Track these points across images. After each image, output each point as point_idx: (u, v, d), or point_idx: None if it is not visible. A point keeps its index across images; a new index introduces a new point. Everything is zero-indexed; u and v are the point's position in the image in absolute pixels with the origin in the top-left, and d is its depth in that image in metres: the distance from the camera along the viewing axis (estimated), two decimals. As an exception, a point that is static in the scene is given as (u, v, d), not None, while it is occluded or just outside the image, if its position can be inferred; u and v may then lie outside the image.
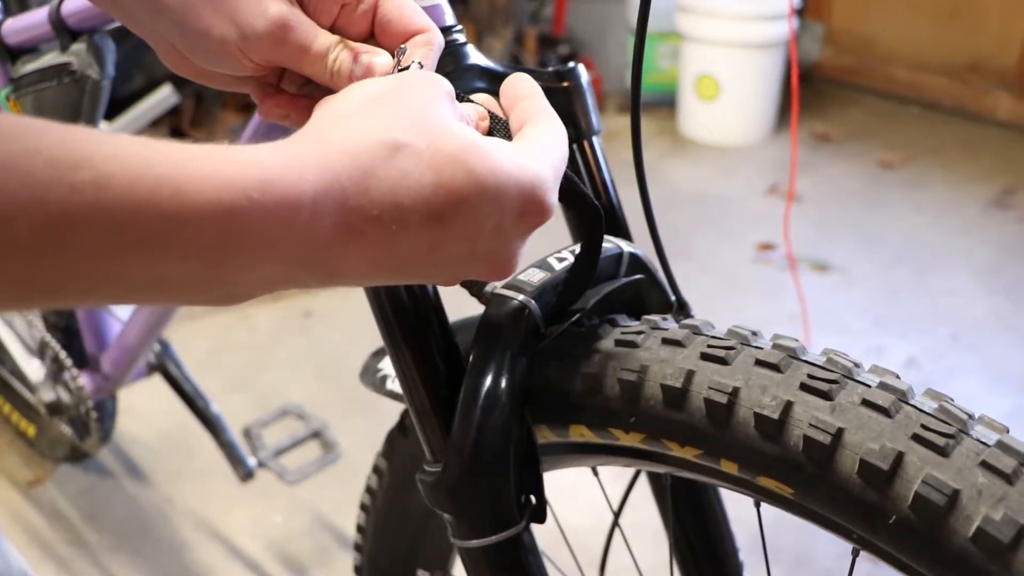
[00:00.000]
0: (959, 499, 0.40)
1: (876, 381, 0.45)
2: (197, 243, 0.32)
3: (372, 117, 0.39)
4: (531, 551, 0.55)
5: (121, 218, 0.30)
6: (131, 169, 0.30)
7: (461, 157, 0.39)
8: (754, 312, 2.13)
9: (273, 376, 1.90)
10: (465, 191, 0.39)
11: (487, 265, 0.42)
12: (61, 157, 0.29)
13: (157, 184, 0.31)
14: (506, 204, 0.40)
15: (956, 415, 0.43)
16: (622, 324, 0.53)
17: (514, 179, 0.40)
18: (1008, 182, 2.78)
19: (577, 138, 0.60)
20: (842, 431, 0.43)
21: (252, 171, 0.34)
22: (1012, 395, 1.83)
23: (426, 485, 0.53)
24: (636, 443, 0.51)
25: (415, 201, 0.38)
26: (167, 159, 0.32)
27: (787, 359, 0.47)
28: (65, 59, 0.79)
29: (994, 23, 3.17)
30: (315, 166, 0.36)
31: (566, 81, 0.59)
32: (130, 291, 0.33)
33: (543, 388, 0.53)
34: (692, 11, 3.02)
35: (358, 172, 0.37)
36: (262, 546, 1.49)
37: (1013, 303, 2.17)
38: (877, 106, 3.41)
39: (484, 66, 0.57)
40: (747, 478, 0.47)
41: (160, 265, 0.32)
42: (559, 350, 0.53)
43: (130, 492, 1.61)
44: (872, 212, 2.63)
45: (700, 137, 3.16)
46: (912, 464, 0.41)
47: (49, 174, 0.28)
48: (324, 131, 0.39)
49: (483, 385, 0.50)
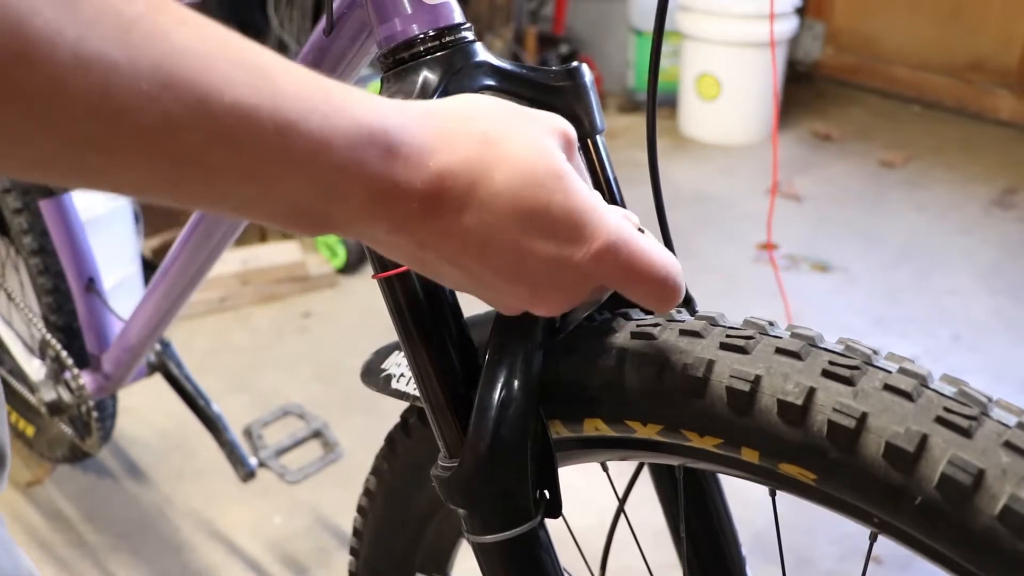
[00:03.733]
0: (984, 478, 0.40)
1: (896, 367, 0.46)
2: (325, 168, 0.36)
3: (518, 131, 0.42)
4: (545, 547, 0.55)
5: (281, 124, 0.34)
6: (297, 86, 0.35)
7: (556, 184, 0.41)
8: (754, 312, 2.12)
9: (273, 376, 1.90)
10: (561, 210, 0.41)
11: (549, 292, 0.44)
12: (249, 61, 0.34)
13: (312, 107, 0.35)
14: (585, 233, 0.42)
15: (976, 398, 0.44)
16: (636, 317, 0.53)
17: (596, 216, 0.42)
18: (1010, 182, 2.78)
19: (581, 136, 0.60)
20: (866, 415, 0.43)
21: (380, 134, 0.38)
22: (1014, 395, 1.83)
23: (441, 481, 0.53)
24: (653, 435, 0.51)
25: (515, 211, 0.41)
26: (322, 89, 0.37)
27: (807, 347, 0.47)
28: None
29: (995, 22, 3.17)
30: (446, 146, 0.39)
31: (571, 79, 0.59)
32: (257, 200, 0.37)
33: (558, 383, 0.53)
34: (693, 10, 3.02)
35: (480, 168, 0.40)
36: (262, 546, 1.49)
37: (1015, 303, 2.17)
38: (878, 105, 3.41)
39: (494, 63, 0.57)
40: (768, 466, 0.47)
41: (292, 179, 0.36)
42: (573, 344, 0.53)
43: (130, 492, 1.61)
44: (873, 212, 2.63)
45: (701, 136, 3.16)
46: (937, 446, 0.42)
47: (240, 72, 0.34)
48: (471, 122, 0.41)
49: (500, 380, 0.51)
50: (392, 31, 0.55)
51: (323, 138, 0.36)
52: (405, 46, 0.55)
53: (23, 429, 1.62)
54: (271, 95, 0.34)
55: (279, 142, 0.35)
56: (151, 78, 0.31)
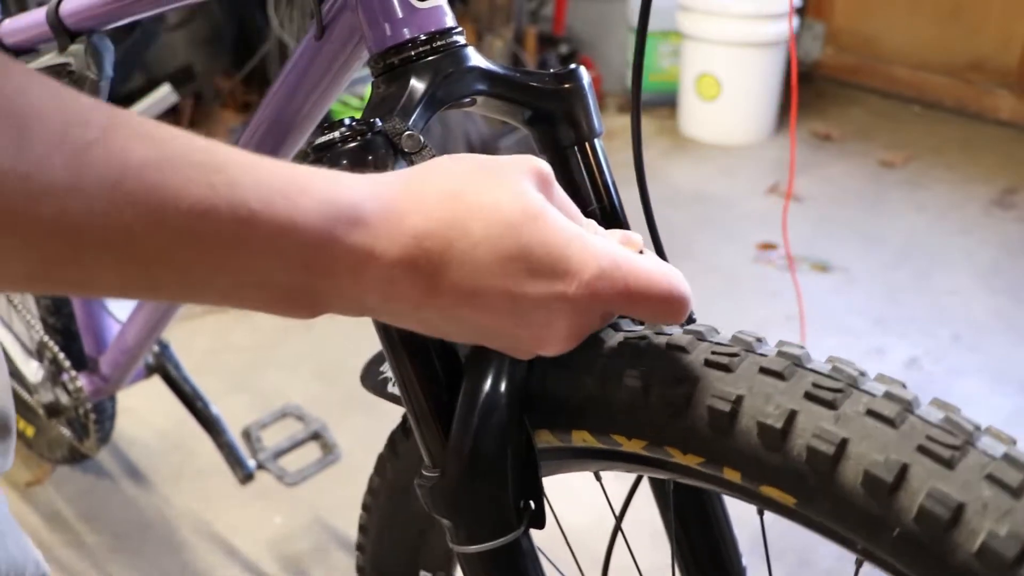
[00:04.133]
0: (964, 513, 0.39)
1: (882, 390, 0.44)
2: (296, 249, 0.37)
3: (480, 189, 0.42)
4: (530, 557, 0.54)
5: (242, 215, 0.35)
6: (255, 174, 0.36)
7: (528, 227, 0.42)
8: (754, 312, 2.12)
9: (273, 377, 1.90)
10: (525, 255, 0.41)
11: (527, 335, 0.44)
12: (206, 161, 0.35)
13: (273, 193, 0.36)
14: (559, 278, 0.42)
15: (962, 426, 0.42)
16: (626, 328, 0.53)
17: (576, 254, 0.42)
18: (1010, 182, 2.77)
19: (579, 140, 0.60)
20: (846, 441, 0.42)
21: (347, 208, 0.38)
22: (1014, 396, 1.83)
23: (424, 490, 0.53)
24: (638, 450, 0.50)
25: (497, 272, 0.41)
26: (282, 173, 0.38)
27: (791, 367, 0.46)
28: (63, 60, 0.78)
29: (995, 22, 3.17)
30: (409, 224, 0.40)
31: (567, 83, 0.59)
32: (235, 288, 0.38)
33: (545, 393, 0.52)
34: (693, 10, 3.02)
35: (444, 241, 0.40)
36: (261, 547, 1.48)
37: (1015, 303, 2.16)
38: (878, 105, 3.40)
39: (484, 68, 0.56)
40: (750, 487, 0.46)
41: (263, 265, 0.37)
42: (561, 355, 0.52)
43: (129, 493, 1.60)
44: (873, 212, 2.63)
45: (701, 136, 3.16)
46: (917, 476, 0.40)
47: (196, 173, 0.35)
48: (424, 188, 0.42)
49: (481, 389, 0.50)
50: (382, 36, 0.55)
51: (288, 221, 0.36)
52: (395, 51, 0.54)
53: (23, 429, 1.62)
54: (228, 190, 0.35)
55: (242, 232, 0.36)
56: (108, 197, 0.33)
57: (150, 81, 2.49)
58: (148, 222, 0.33)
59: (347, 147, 0.48)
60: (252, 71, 2.73)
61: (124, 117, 0.34)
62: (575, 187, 0.60)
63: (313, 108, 0.70)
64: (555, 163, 0.60)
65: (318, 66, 0.66)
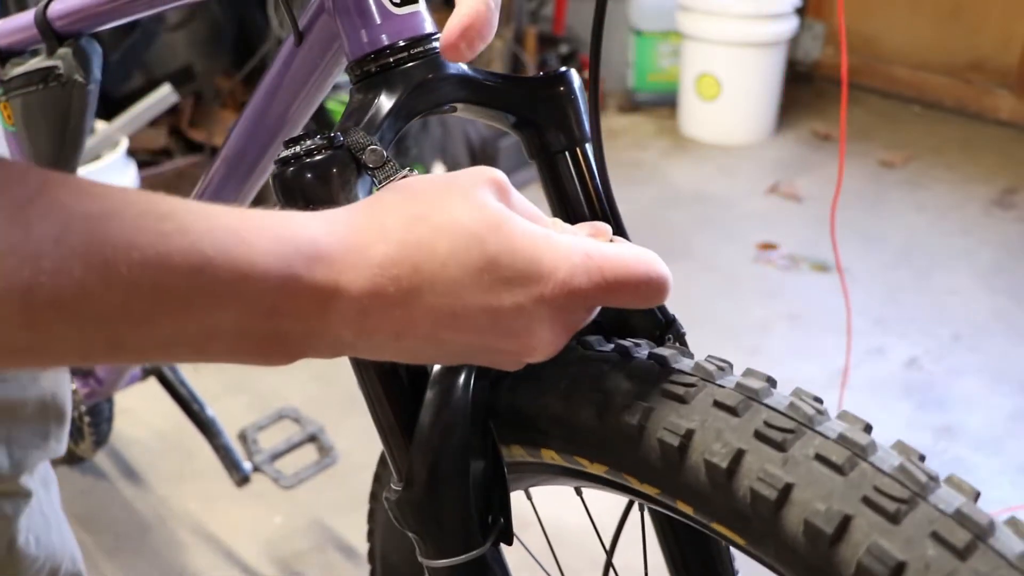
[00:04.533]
0: (904, 572, 0.37)
1: (837, 432, 0.42)
2: (257, 292, 0.36)
3: (433, 210, 0.41)
4: (498, 570, 0.54)
5: (196, 262, 0.34)
6: (206, 220, 0.35)
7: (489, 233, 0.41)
8: (754, 312, 2.12)
9: (270, 379, 1.90)
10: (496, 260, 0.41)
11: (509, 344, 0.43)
12: (152, 211, 0.34)
13: (226, 236, 0.35)
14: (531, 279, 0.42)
15: (916, 477, 0.39)
16: (595, 347, 0.51)
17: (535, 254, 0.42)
18: (1010, 182, 2.77)
19: (570, 145, 0.59)
20: (791, 487, 0.40)
21: (305, 244, 0.37)
22: (1014, 396, 1.82)
23: (390, 504, 0.52)
24: (602, 473, 0.49)
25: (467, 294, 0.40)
26: (234, 217, 0.37)
27: (746, 401, 0.44)
28: (51, 63, 0.78)
29: (995, 22, 3.16)
30: (370, 256, 0.39)
31: (558, 86, 0.58)
32: (204, 341, 0.36)
33: (512, 409, 0.51)
34: (693, 10, 3.01)
35: (410, 267, 0.39)
36: (260, 548, 1.48)
37: (1015, 303, 2.16)
38: (878, 105, 3.40)
39: (463, 75, 0.55)
40: (703, 521, 0.45)
41: (227, 313, 0.36)
42: (533, 371, 0.51)
43: (127, 494, 1.60)
44: (873, 212, 2.62)
45: (701, 136, 3.15)
46: (859, 529, 0.38)
47: (144, 222, 0.34)
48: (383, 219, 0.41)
49: (444, 404, 0.49)
50: (359, 42, 0.54)
51: (246, 263, 0.35)
52: (373, 57, 0.53)
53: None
54: (180, 237, 0.34)
55: (199, 280, 0.34)
56: (55, 253, 0.31)
57: (150, 81, 2.49)
58: (100, 276, 0.32)
59: (308, 161, 0.48)
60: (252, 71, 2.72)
61: (60, 176, 0.33)
62: (565, 193, 0.59)
63: (295, 114, 0.69)
64: (544, 168, 0.59)
65: (299, 73, 0.65)
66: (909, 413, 1.77)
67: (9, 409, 0.68)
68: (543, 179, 0.60)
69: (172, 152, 2.58)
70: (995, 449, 1.68)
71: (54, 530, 0.75)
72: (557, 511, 0.80)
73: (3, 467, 0.69)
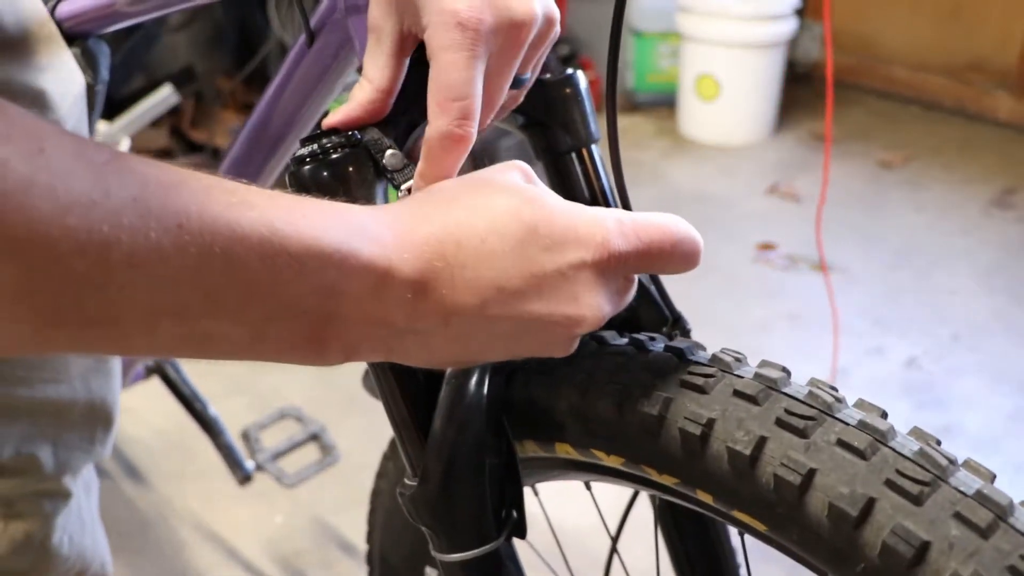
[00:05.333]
0: (929, 552, 0.38)
1: (857, 419, 0.43)
2: (320, 267, 0.37)
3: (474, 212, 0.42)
4: (510, 565, 0.54)
5: (264, 233, 0.35)
6: (268, 198, 0.36)
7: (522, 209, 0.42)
8: (754, 312, 2.12)
9: (272, 378, 1.90)
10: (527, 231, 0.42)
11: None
12: (218, 184, 0.35)
13: (289, 211, 0.36)
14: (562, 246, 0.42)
15: (936, 460, 0.41)
16: (610, 343, 0.52)
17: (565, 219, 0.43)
18: (1009, 182, 2.77)
19: (576, 146, 0.59)
20: (814, 472, 0.41)
21: (358, 225, 0.38)
22: (1013, 396, 1.83)
23: (405, 499, 0.53)
24: (618, 465, 0.50)
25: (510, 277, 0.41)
26: (290, 198, 0.38)
27: (766, 391, 0.45)
28: None
29: (994, 22, 3.17)
30: (416, 246, 0.40)
31: (565, 88, 0.58)
32: (264, 322, 0.37)
33: (527, 403, 0.52)
34: (692, 11, 3.02)
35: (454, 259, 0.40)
36: (262, 547, 1.48)
37: (1014, 303, 2.16)
38: (877, 106, 3.40)
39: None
40: (723, 510, 0.46)
41: (292, 290, 0.36)
42: (547, 365, 0.51)
43: (129, 493, 1.61)
44: (872, 212, 2.63)
45: (700, 137, 3.16)
46: (883, 511, 0.39)
47: (215, 193, 0.35)
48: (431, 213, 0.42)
49: (459, 399, 0.50)
50: None
51: (310, 236, 0.36)
52: None
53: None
54: (247, 209, 0.35)
55: (266, 249, 0.35)
56: (133, 210, 0.32)
57: (151, 82, 2.49)
58: (174, 239, 0.33)
59: (326, 159, 0.48)
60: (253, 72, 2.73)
61: (132, 153, 0.34)
62: (572, 193, 0.60)
63: (305, 114, 0.70)
64: (551, 169, 0.60)
65: (311, 73, 0.66)
66: (908, 413, 1.77)
67: (58, 411, 0.69)
68: (550, 179, 0.61)
69: (173, 153, 2.59)
70: (994, 449, 1.68)
71: (88, 533, 0.76)
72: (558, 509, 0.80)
73: (48, 466, 0.70)
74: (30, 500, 0.70)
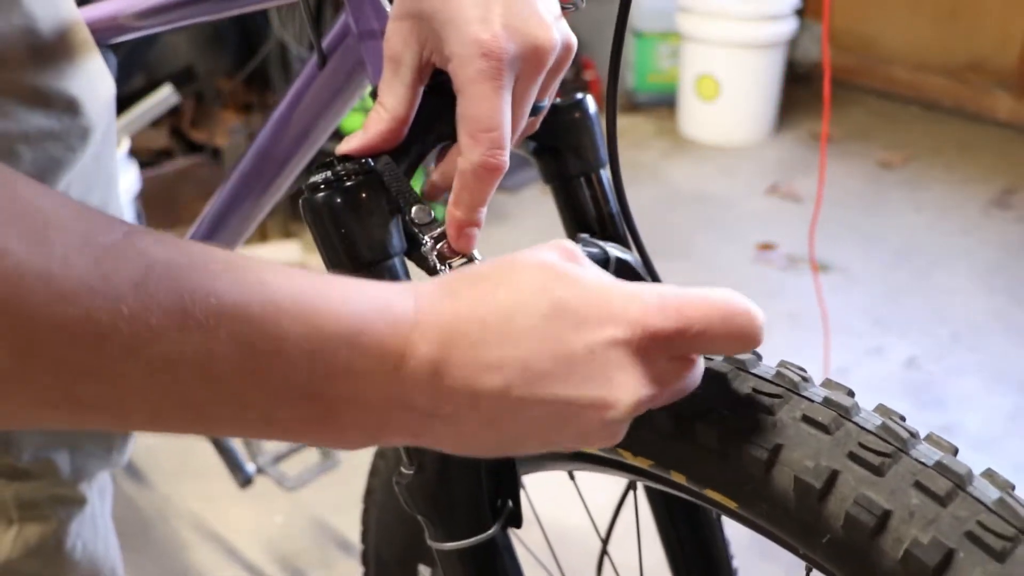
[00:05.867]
0: (890, 520, 0.39)
1: (821, 396, 0.44)
2: (333, 345, 0.35)
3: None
4: (506, 555, 0.55)
5: (273, 313, 0.34)
6: (284, 276, 0.35)
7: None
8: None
9: (273, 377, 1.90)
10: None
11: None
12: (231, 261, 0.34)
13: (303, 290, 0.35)
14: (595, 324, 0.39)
15: (897, 433, 0.42)
16: None
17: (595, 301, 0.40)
18: (1008, 182, 2.78)
19: (585, 170, 0.60)
20: (780, 447, 0.43)
21: (374, 299, 0.37)
22: (1013, 395, 1.83)
23: (401, 488, 0.53)
24: (595, 451, 0.51)
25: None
26: (307, 275, 0.37)
27: (735, 371, 0.46)
28: None
29: (994, 23, 3.17)
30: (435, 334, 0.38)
31: (575, 112, 0.59)
32: (274, 405, 0.35)
33: None
34: (692, 11, 3.02)
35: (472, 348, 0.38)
36: (261, 547, 1.49)
37: (1014, 303, 2.17)
38: (877, 106, 3.41)
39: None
40: (695, 489, 0.47)
41: (302, 370, 0.35)
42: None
43: (128, 493, 1.61)
44: (872, 212, 2.63)
45: (700, 137, 3.16)
46: (846, 483, 0.40)
47: (223, 270, 0.34)
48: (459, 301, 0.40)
49: None
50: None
51: (323, 316, 0.35)
52: None
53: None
54: (259, 288, 0.34)
55: (275, 330, 0.34)
56: (134, 297, 0.31)
57: (151, 82, 2.49)
58: (177, 322, 0.32)
59: (339, 187, 0.48)
60: (253, 72, 2.73)
61: (143, 228, 0.33)
62: (581, 216, 0.60)
63: (314, 135, 0.70)
64: (560, 192, 0.61)
65: (321, 95, 0.66)
66: (908, 412, 1.75)
67: None
68: (559, 203, 0.62)
69: (173, 153, 2.59)
70: (994, 448, 1.68)
71: (100, 539, 0.76)
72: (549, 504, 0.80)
73: (64, 472, 0.70)
74: (45, 504, 0.71)
